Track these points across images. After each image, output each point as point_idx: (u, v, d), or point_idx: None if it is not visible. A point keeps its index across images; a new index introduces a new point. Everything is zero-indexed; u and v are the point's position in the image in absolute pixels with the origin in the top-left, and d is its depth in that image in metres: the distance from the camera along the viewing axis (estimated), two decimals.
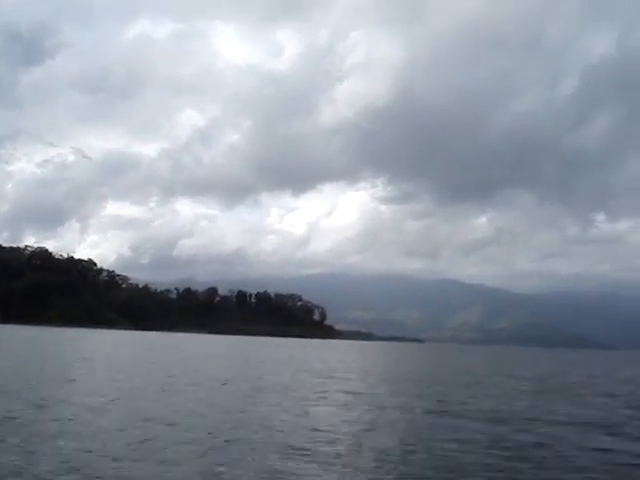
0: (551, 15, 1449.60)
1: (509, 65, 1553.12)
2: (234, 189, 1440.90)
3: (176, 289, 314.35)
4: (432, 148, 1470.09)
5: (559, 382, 46.91)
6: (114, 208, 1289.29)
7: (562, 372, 65.81)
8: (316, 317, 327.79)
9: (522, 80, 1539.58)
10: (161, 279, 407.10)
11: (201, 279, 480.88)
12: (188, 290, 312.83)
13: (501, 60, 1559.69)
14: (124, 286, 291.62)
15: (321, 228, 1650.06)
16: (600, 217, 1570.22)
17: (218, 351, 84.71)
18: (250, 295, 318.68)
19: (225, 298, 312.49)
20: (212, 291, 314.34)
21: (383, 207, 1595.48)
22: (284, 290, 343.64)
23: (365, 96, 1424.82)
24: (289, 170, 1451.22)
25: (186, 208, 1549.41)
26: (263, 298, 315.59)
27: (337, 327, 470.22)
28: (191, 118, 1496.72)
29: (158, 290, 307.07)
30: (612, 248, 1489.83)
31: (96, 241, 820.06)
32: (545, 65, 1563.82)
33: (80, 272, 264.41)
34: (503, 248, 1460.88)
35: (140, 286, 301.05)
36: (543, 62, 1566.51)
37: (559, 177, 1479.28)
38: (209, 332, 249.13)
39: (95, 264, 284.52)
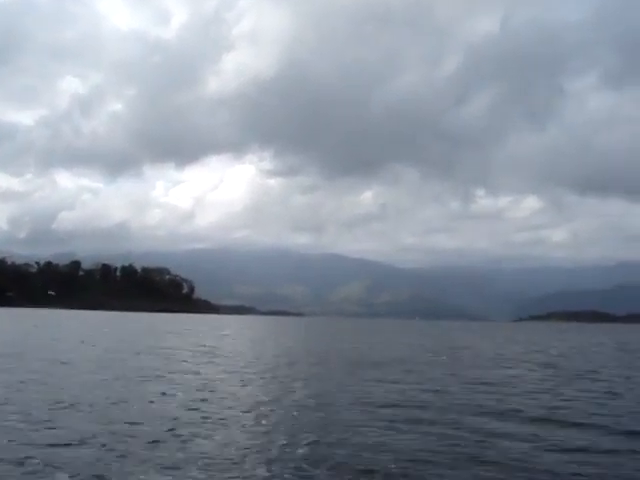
0: None
1: (396, 42, 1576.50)
2: (116, 160, 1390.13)
3: (37, 263, 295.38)
4: (319, 122, 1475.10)
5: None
6: None
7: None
8: (185, 291, 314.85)
9: (408, 57, 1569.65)
10: (40, 254, 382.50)
11: (82, 254, 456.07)
12: (49, 264, 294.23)
13: (389, 37, 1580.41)
14: None
15: (207, 202, 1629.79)
16: (480, 193, 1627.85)
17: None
18: (115, 269, 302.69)
19: (89, 272, 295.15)
20: (75, 265, 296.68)
21: (270, 181, 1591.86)
22: (169, 265, 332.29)
23: (252, 67, 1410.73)
24: (174, 142, 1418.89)
25: (66, 180, 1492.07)
26: (129, 272, 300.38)
27: (223, 302, 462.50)
28: (72, 85, 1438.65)
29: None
30: (492, 223, 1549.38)
31: None
32: (431, 43, 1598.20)
33: None
34: (387, 223, 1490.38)
35: (18, 262, 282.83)
36: (429, 40, 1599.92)
37: (442, 153, 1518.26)
38: (70, 307, 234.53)
39: None
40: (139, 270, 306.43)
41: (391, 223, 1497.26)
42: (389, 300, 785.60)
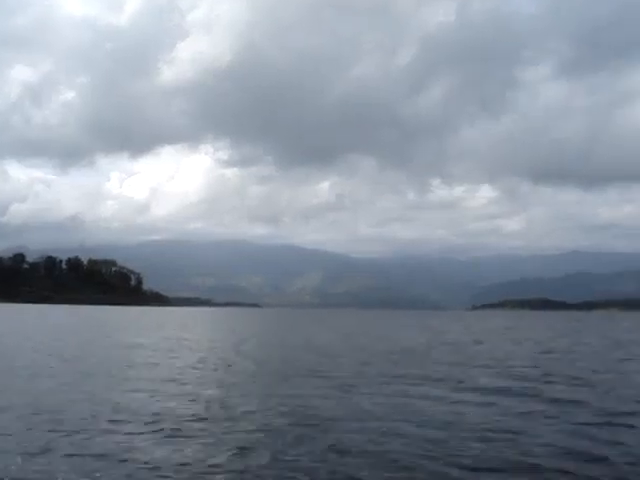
0: None
1: (353, 31, 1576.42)
2: (69, 151, 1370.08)
3: None
4: (275, 111, 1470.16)
5: None
6: None
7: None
8: (133, 283, 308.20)
9: (365, 46, 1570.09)
10: None
11: (34, 247, 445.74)
12: None
13: (345, 25, 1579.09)
14: None
15: (162, 193, 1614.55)
16: (436, 182, 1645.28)
17: None
18: (61, 261, 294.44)
19: (33, 265, 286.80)
20: (19, 257, 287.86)
21: (226, 171, 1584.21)
22: (124, 258, 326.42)
23: (208, 56, 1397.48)
24: (127, 131, 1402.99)
25: (17, 171, 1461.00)
26: (75, 264, 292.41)
27: (179, 294, 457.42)
28: (22, 74, 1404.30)
29: None
30: (448, 213, 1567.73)
31: None
32: (388, 32, 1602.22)
33: None
34: (344, 213, 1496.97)
35: None
36: (386, 29, 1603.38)
37: (398, 143, 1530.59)
38: (14, 301, 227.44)
39: None
40: (85, 262, 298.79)
41: (348, 213, 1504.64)
42: (346, 290, 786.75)
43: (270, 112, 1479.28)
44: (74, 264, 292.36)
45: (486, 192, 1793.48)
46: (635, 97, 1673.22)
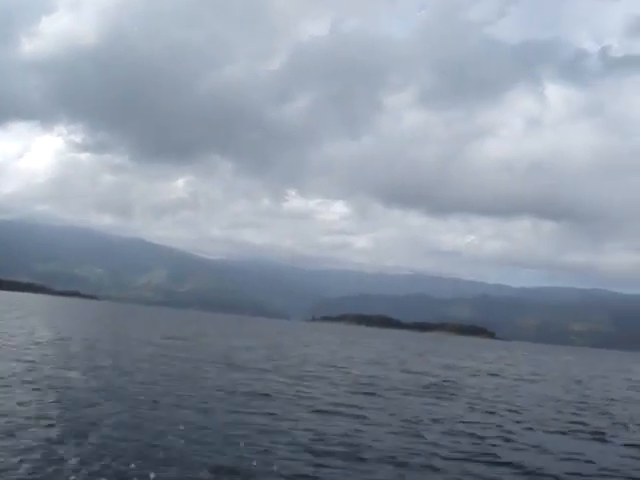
0: None
1: (228, 30, 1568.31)
2: None
3: None
4: (136, 100, 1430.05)
5: None
6: None
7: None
8: None
9: (237, 48, 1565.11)
10: None
11: None
12: None
13: (221, 24, 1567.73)
14: None
15: (8, 171, 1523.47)
16: (292, 192, 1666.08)
17: None
18: None
19: None
20: None
21: (78, 155, 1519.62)
22: None
23: (72, 34, 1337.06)
24: None
25: None
26: None
27: (17, 279, 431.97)
28: None
29: None
30: (301, 224, 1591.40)
31: None
32: (262, 37, 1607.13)
33: None
34: (197, 213, 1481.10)
35: None
36: (261, 34, 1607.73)
37: (259, 149, 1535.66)
38: None
39: None
40: None
41: (200, 213, 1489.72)
42: (191, 290, 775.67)
43: (131, 101, 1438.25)
44: None
45: (340, 208, 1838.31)
46: (484, 135, 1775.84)
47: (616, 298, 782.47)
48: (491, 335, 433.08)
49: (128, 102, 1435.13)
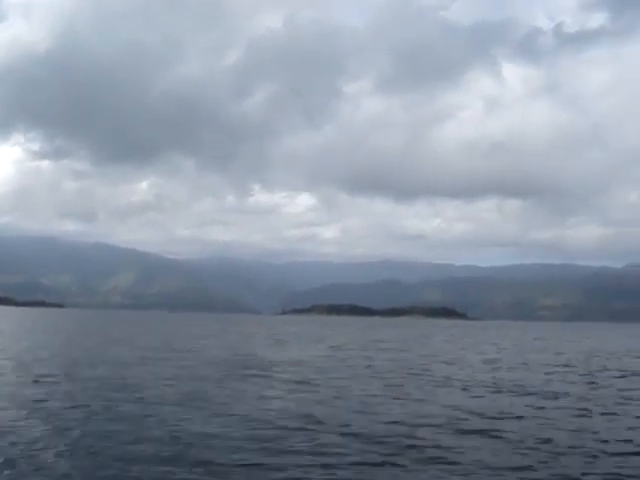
0: None
1: (180, 27, 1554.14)
2: None
3: None
4: (93, 104, 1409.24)
5: None
6: None
7: None
8: None
9: (192, 45, 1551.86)
10: None
11: None
12: None
13: (173, 21, 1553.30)
14: None
15: None
16: (257, 187, 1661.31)
17: None
18: None
19: None
20: None
21: (38, 164, 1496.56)
22: None
23: (24, 41, 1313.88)
24: None
25: None
26: None
27: None
28: None
29: None
30: (267, 218, 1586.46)
31: None
32: (216, 33, 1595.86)
33: None
34: (162, 213, 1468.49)
35: None
36: (215, 30, 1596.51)
37: (220, 146, 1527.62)
38: None
39: None
40: None
41: (165, 214, 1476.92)
42: (159, 291, 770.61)
43: (88, 105, 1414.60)
44: None
45: (305, 200, 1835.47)
46: (444, 118, 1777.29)
47: (585, 271, 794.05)
48: (462, 316, 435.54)
49: (85, 106, 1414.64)
